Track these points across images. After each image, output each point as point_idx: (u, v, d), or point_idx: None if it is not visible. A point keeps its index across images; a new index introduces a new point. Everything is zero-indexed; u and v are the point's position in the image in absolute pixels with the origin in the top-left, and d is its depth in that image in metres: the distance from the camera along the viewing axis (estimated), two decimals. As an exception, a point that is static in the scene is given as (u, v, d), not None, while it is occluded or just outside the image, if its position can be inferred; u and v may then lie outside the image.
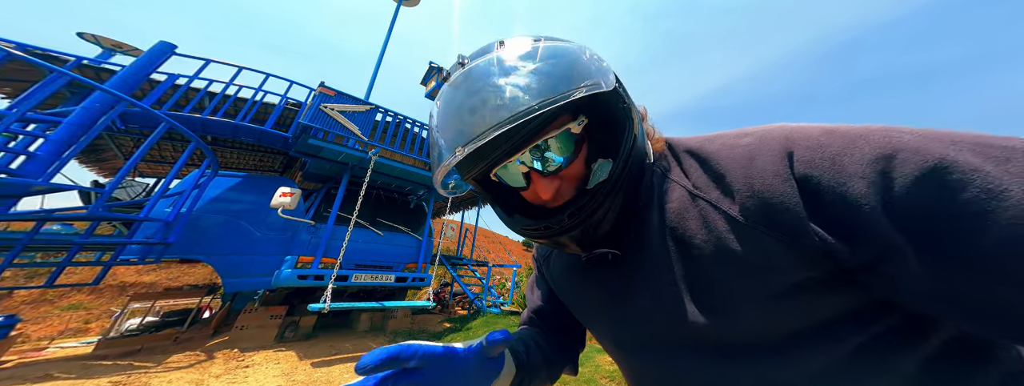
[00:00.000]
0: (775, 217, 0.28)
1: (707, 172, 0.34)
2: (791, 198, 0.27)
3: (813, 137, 0.28)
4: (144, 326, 4.96)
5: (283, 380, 3.08)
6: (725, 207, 0.31)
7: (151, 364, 3.41)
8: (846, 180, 0.24)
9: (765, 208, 0.28)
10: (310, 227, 4.63)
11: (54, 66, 2.48)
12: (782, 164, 0.28)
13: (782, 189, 0.27)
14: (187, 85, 4.20)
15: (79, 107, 2.83)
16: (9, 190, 2.41)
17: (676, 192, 0.36)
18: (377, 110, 5.03)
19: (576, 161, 0.35)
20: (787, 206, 0.27)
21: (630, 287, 0.39)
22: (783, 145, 0.29)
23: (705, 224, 0.32)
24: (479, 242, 10.62)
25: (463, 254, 8.70)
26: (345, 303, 3.80)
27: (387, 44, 7.27)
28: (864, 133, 0.26)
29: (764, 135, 0.32)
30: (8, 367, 3.52)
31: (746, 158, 0.31)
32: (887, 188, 0.23)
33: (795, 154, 0.28)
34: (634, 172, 0.36)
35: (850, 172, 0.24)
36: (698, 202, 0.34)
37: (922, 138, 0.23)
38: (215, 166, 3.84)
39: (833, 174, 0.25)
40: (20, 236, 2.68)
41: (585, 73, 0.32)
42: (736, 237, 0.30)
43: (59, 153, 2.61)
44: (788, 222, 0.27)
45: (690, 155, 0.37)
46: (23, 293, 8.87)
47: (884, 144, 0.24)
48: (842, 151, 0.26)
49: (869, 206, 0.23)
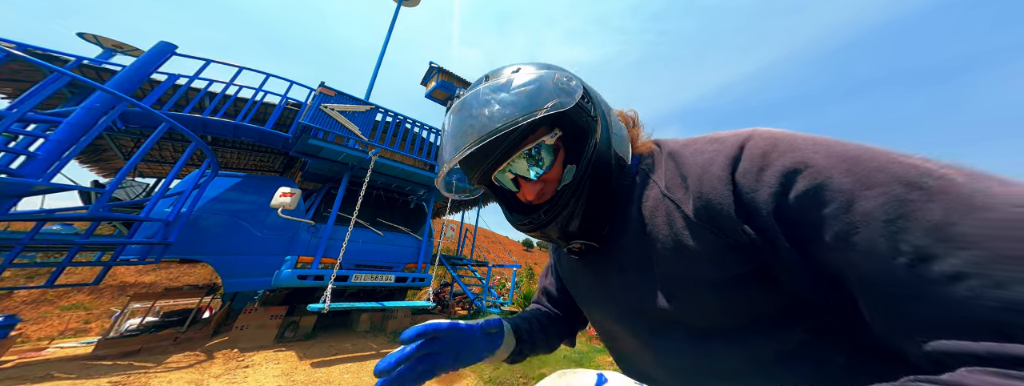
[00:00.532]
0: (716, 217, 0.33)
1: (678, 174, 0.39)
2: (727, 200, 0.32)
3: (758, 148, 0.32)
4: (144, 326, 4.96)
5: (283, 380, 3.08)
6: (684, 207, 0.36)
7: (151, 364, 3.41)
8: (759, 188, 0.30)
9: (709, 209, 0.33)
10: (310, 227, 4.63)
11: (54, 66, 2.47)
12: (726, 171, 0.33)
13: (722, 192, 0.32)
14: (187, 85, 4.20)
15: (80, 107, 2.83)
16: (9, 190, 2.41)
17: (653, 191, 0.41)
18: (377, 110, 5.04)
19: (554, 166, 0.42)
20: (724, 207, 0.32)
21: (609, 274, 0.45)
22: (733, 154, 0.34)
23: (669, 221, 0.37)
24: (479, 242, 10.62)
25: (463, 254, 8.69)
26: (345, 303, 3.80)
27: (387, 44, 7.27)
28: (790, 149, 0.30)
29: (726, 144, 0.36)
30: (8, 367, 3.51)
31: (706, 163, 0.36)
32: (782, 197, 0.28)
33: (740, 163, 0.32)
34: (601, 174, 0.41)
35: (765, 182, 0.30)
36: (666, 201, 0.38)
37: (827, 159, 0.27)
38: (215, 166, 3.84)
39: (755, 182, 0.30)
40: (20, 236, 2.68)
41: (549, 97, 0.38)
42: (690, 234, 0.35)
43: (59, 153, 2.61)
44: (725, 221, 0.32)
45: (670, 157, 0.42)
46: (23, 293, 8.87)
47: (796, 162, 0.29)
48: (769, 163, 0.30)
49: (766, 211, 0.29)
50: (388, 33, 7.33)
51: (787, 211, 0.28)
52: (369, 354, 4.02)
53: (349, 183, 5.01)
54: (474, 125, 0.39)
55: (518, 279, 7.92)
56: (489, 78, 0.43)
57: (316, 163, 4.94)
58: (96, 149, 5.20)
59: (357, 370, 3.46)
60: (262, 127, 4.43)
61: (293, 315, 4.75)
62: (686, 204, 0.36)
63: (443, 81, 7.42)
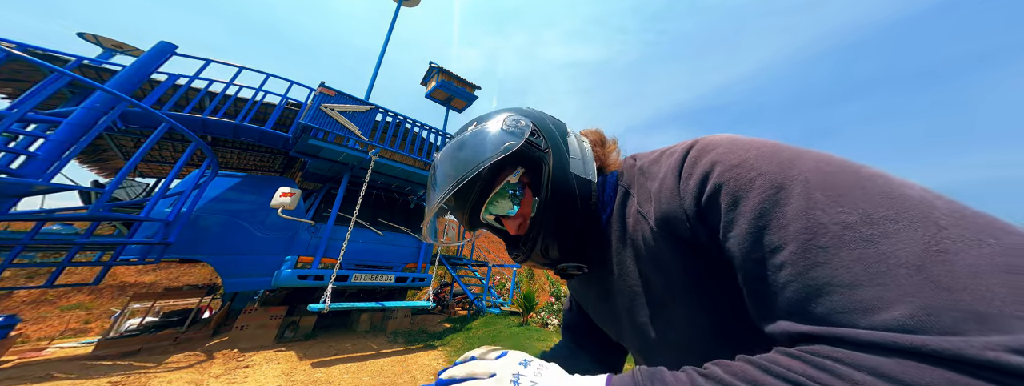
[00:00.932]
0: (673, 224, 0.35)
1: (645, 188, 0.41)
2: (677, 207, 0.34)
3: (693, 155, 0.35)
4: (144, 326, 4.96)
5: (283, 380, 3.08)
6: (649, 218, 0.38)
7: (151, 364, 3.41)
8: (689, 193, 0.33)
9: (667, 218, 0.35)
10: (310, 227, 4.63)
11: (55, 66, 2.47)
12: (674, 179, 0.35)
13: (672, 200, 0.34)
14: (187, 85, 4.20)
15: (80, 107, 2.83)
16: (9, 190, 2.41)
17: (632, 207, 0.42)
18: (377, 110, 5.04)
19: (525, 200, 0.45)
20: (677, 214, 0.34)
21: (609, 291, 0.48)
22: (679, 163, 0.36)
23: (643, 233, 0.39)
24: (479, 242, 10.61)
25: (463, 254, 8.70)
26: (345, 303, 3.80)
27: (387, 44, 7.27)
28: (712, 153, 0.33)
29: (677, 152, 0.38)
30: (8, 367, 3.51)
31: (663, 175, 0.38)
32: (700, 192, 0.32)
33: (682, 170, 0.35)
34: (563, 199, 0.43)
35: (691, 186, 0.33)
36: (640, 217, 0.40)
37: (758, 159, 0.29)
38: (215, 166, 3.84)
39: (687, 187, 0.33)
40: (20, 236, 2.68)
41: (500, 141, 0.41)
42: (655, 242, 0.37)
43: (59, 153, 2.61)
44: (681, 228, 0.34)
45: (640, 172, 0.44)
46: (23, 293, 8.87)
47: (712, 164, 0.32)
48: (694, 169, 0.33)
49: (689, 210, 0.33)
50: (388, 33, 7.33)
51: (703, 212, 0.32)
52: (369, 354, 4.02)
53: (349, 183, 5.01)
54: (445, 180, 0.43)
55: (518, 279, 7.91)
56: (455, 135, 0.48)
57: (316, 163, 4.94)
58: (96, 149, 5.20)
59: (357, 370, 3.46)
60: (262, 127, 4.42)
61: (293, 315, 4.75)
62: (651, 216, 0.38)
63: (443, 81, 7.42)
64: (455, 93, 7.53)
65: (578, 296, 0.62)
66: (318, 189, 5.82)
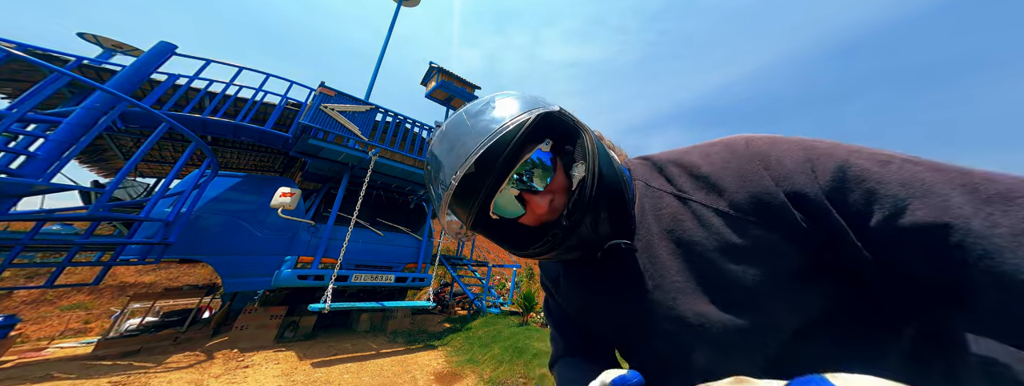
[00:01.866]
0: (764, 207, 0.33)
1: (692, 178, 0.39)
2: (771, 189, 0.32)
3: (765, 145, 0.36)
4: (144, 326, 4.97)
5: (283, 380, 3.08)
6: (716, 204, 0.36)
7: (151, 364, 3.41)
8: (791, 174, 0.32)
9: (752, 200, 0.33)
10: (310, 227, 4.63)
11: (55, 66, 2.47)
12: (755, 164, 0.34)
13: (761, 184, 0.33)
14: (187, 85, 4.20)
15: (80, 107, 2.83)
16: (9, 190, 2.41)
17: (665, 199, 0.40)
18: (377, 110, 5.04)
19: (557, 174, 0.41)
20: (770, 195, 0.32)
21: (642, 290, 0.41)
22: (749, 151, 0.36)
23: (701, 223, 0.36)
24: (479, 242, 10.62)
25: (463, 254, 8.70)
26: (345, 303, 3.80)
27: (387, 44, 7.28)
28: (792, 142, 0.34)
29: (730, 145, 0.38)
30: (8, 367, 3.52)
31: (724, 162, 0.37)
32: (819, 181, 0.30)
33: (765, 158, 0.34)
34: (610, 169, 0.41)
35: (793, 168, 0.32)
36: (689, 204, 0.38)
37: (832, 147, 0.32)
38: (215, 166, 3.84)
39: (785, 170, 0.32)
40: (20, 236, 2.68)
41: (531, 107, 0.40)
42: (732, 229, 0.34)
43: (59, 153, 2.61)
44: (777, 210, 0.32)
45: (672, 165, 0.42)
46: (23, 293, 8.87)
47: (809, 150, 0.32)
48: (783, 155, 0.33)
49: (812, 192, 0.30)
50: (388, 33, 7.33)
51: (827, 191, 0.30)
52: (369, 354, 4.03)
53: (349, 183, 5.01)
54: (467, 143, 0.37)
55: (518, 279, 7.92)
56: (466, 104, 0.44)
57: (316, 163, 4.94)
58: (96, 149, 5.20)
59: (357, 370, 3.46)
60: (262, 127, 4.43)
61: (293, 315, 4.75)
62: (718, 202, 0.36)
63: (443, 81, 7.42)
64: (455, 93, 7.53)
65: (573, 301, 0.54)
66: (318, 189, 5.82)
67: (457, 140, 0.39)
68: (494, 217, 0.44)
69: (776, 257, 0.32)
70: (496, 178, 0.38)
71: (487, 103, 0.41)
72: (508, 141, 0.37)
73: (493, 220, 0.45)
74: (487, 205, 0.41)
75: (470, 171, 0.37)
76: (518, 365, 3.35)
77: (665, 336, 0.39)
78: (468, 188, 0.38)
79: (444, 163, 0.40)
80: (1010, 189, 0.23)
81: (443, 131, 0.42)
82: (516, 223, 0.45)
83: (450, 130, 0.41)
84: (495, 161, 0.37)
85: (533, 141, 0.40)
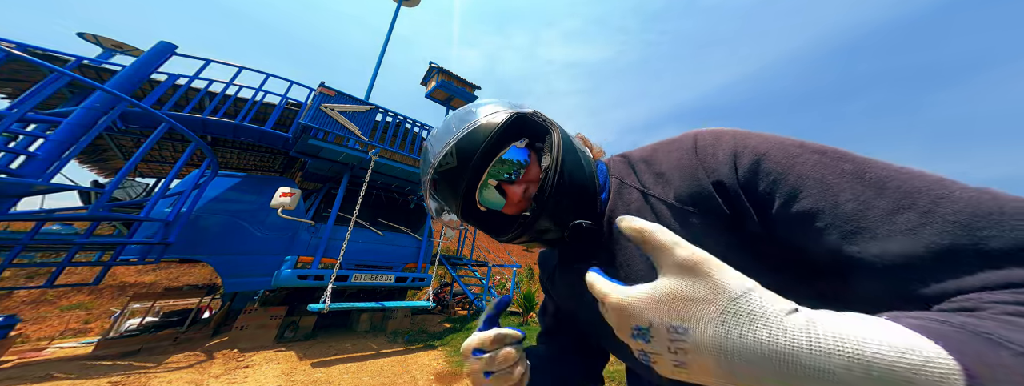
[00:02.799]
0: (696, 197, 0.37)
1: (653, 173, 0.44)
2: (701, 181, 0.37)
3: (706, 140, 0.39)
4: (144, 326, 4.96)
5: (283, 380, 3.08)
6: (665, 197, 0.40)
7: (151, 364, 3.41)
8: (718, 167, 0.36)
9: (691, 193, 0.37)
10: (310, 227, 4.63)
11: (55, 66, 2.47)
12: (694, 158, 0.39)
13: (695, 176, 0.37)
14: (187, 85, 4.20)
15: (80, 107, 2.83)
16: (9, 190, 2.41)
17: (633, 194, 0.45)
18: (377, 110, 5.04)
19: (531, 166, 0.46)
20: (701, 187, 0.37)
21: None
22: (694, 145, 0.40)
23: (657, 215, 0.41)
24: (479, 242, 10.62)
25: (463, 254, 8.69)
26: (345, 303, 3.80)
27: (387, 44, 7.27)
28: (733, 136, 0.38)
29: (682, 141, 0.43)
30: (8, 367, 3.52)
31: (675, 158, 0.41)
32: (739, 171, 0.34)
33: (698, 152, 0.39)
34: (573, 158, 0.45)
35: (721, 161, 0.36)
36: (649, 199, 0.42)
37: (760, 141, 0.35)
38: (215, 166, 3.84)
39: (715, 163, 0.36)
40: (20, 236, 2.68)
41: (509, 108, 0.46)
42: (676, 219, 0.38)
43: (59, 153, 2.61)
44: (703, 199, 0.36)
45: (641, 162, 0.47)
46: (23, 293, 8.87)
47: (735, 144, 0.36)
48: (718, 149, 0.37)
49: (730, 182, 0.34)
50: (388, 33, 7.33)
51: (742, 181, 0.34)
52: (369, 354, 4.02)
53: (349, 183, 5.01)
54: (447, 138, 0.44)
55: (518, 279, 7.92)
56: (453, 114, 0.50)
57: (316, 163, 4.94)
58: (96, 149, 5.20)
59: (357, 370, 3.46)
60: (262, 127, 4.43)
61: (293, 315, 4.75)
62: (668, 194, 0.40)
63: (443, 81, 7.42)
64: (455, 93, 7.53)
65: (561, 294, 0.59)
66: (318, 189, 5.82)
67: (442, 136, 0.45)
68: (482, 208, 0.49)
69: (710, 243, 0.34)
70: (474, 169, 0.43)
71: (470, 107, 0.48)
72: (485, 135, 0.43)
73: (481, 212, 0.51)
74: (471, 194, 0.47)
75: (451, 164, 0.43)
76: (518, 365, 3.35)
77: None
78: (452, 178, 0.45)
79: (429, 153, 0.47)
80: (885, 177, 0.26)
81: (433, 133, 0.49)
82: (502, 214, 0.51)
83: (438, 130, 0.48)
84: (474, 151, 0.43)
85: (510, 138, 0.46)
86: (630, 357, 0.46)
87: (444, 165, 0.44)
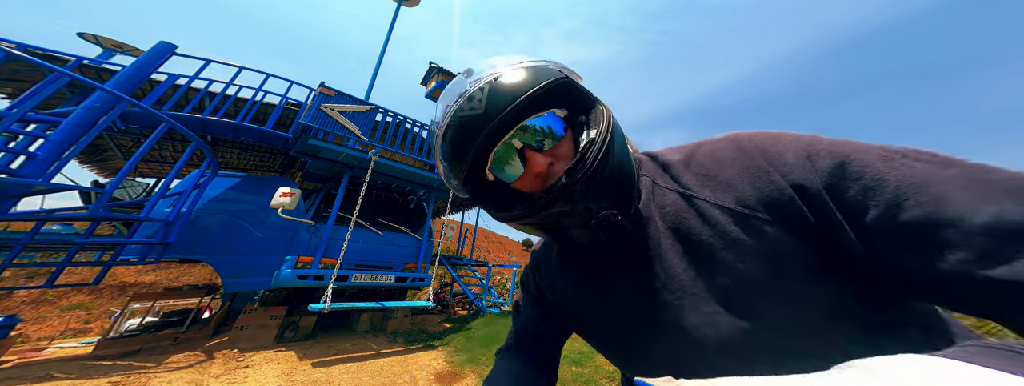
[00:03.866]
0: (769, 202, 0.32)
1: (697, 175, 0.39)
2: (779, 184, 0.32)
3: (764, 141, 0.36)
4: (144, 326, 4.97)
5: (283, 380, 3.08)
6: (723, 202, 0.35)
7: (151, 364, 3.41)
8: (794, 169, 0.32)
9: (760, 196, 0.33)
10: (310, 227, 4.63)
11: (55, 66, 2.47)
12: (760, 160, 0.34)
13: (768, 179, 0.33)
14: (187, 85, 4.20)
15: (80, 107, 2.83)
16: (9, 190, 2.41)
17: (669, 196, 0.40)
18: (377, 110, 5.04)
19: (565, 142, 0.40)
20: (778, 191, 0.32)
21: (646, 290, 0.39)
22: (753, 146, 0.36)
23: (706, 221, 0.35)
24: (479, 242, 10.62)
25: (463, 254, 8.70)
26: (345, 303, 3.80)
27: (387, 44, 7.28)
28: (795, 137, 0.34)
29: (735, 141, 0.38)
30: (8, 367, 3.52)
31: (730, 159, 0.36)
32: (819, 175, 0.30)
33: (766, 153, 0.34)
34: (622, 145, 0.39)
35: (794, 163, 0.32)
36: (694, 202, 0.37)
37: (833, 143, 0.32)
38: (215, 166, 3.84)
39: (788, 166, 0.32)
40: (20, 236, 2.68)
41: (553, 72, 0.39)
42: (741, 227, 0.33)
43: (59, 153, 2.61)
44: (781, 204, 0.32)
45: (678, 162, 0.41)
46: (23, 293, 8.87)
47: (808, 145, 0.32)
48: (784, 150, 0.33)
49: (814, 190, 0.30)
50: (388, 33, 7.33)
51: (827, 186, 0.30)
52: (369, 354, 4.03)
53: (349, 183, 5.01)
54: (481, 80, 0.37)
55: (518, 279, 7.90)
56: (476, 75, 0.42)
57: (316, 163, 4.95)
58: (96, 149, 5.20)
59: (357, 370, 3.46)
60: (262, 127, 4.43)
61: (293, 315, 4.76)
62: (725, 199, 0.35)
63: (443, 81, 7.43)
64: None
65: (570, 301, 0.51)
66: (318, 189, 5.82)
67: (474, 80, 0.38)
68: (489, 177, 0.42)
69: (787, 254, 0.31)
70: (504, 120, 0.36)
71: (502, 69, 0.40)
72: (526, 88, 0.36)
73: (486, 181, 0.44)
74: (487, 153, 0.39)
75: (477, 111, 0.36)
76: (518, 365, 3.34)
77: (670, 339, 0.37)
78: (471, 127, 0.36)
79: (451, 94, 0.39)
80: (1011, 184, 0.23)
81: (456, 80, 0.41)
82: (508, 189, 0.44)
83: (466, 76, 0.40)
84: (510, 99, 0.35)
85: (550, 100, 0.39)
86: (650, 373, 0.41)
87: (467, 110, 0.36)
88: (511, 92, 0.36)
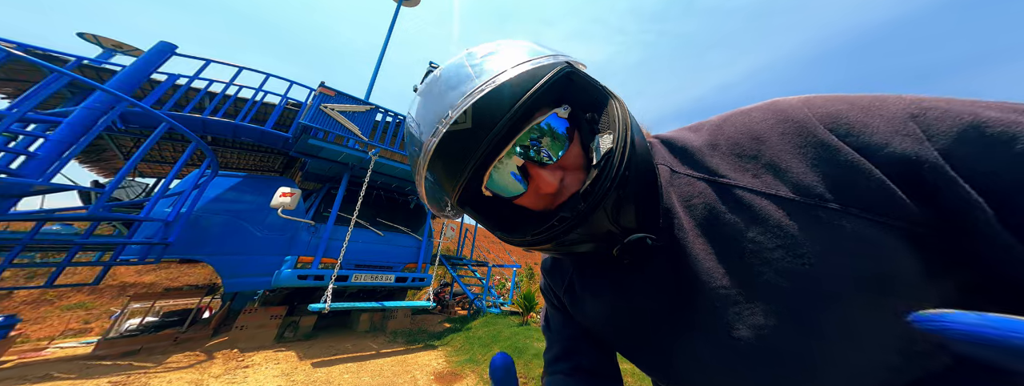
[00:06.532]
0: (843, 186, 0.24)
1: (731, 156, 0.31)
2: (857, 162, 0.24)
3: (837, 105, 0.26)
4: (144, 326, 4.96)
5: (283, 380, 3.08)
6: (772, 189, 0.27)
7: (151, 364, 3.41)
8: (885, 141, 0.23)
9: (827, 179, 0.25)
10: (310, 227, 4.63)
11: (55, 66, 2.47)
12: (824, 132, 0.26)
13: (840, 157, 0.24)
14: (187, 85, 4.20)
15: (80, 107, 2.84)
16: (9, 190, 2.41)
17: (696, 186, 0.32)
18: (377, 110, 5.04)
19: (573, 148, 0.33)
20: (855, 170, 0.24)
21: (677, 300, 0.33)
22: (811, 114, 0.27)
23: (751, 215, 0.28)
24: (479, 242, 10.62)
25: (463, 254, 8.69)
26: (345, 303, 3.81)
27: (387, 44, 7.28)
28: (879, 98, 0.26)
29: (781, 110, 0.29)
30: (8, 367, 3.51)
31: (777, 133, 0.28)
32: (935, 144, 0.22)
33: (832, 121, 0.26)
34: (643, 145, 0.33)
35: (888, 131, 0.24)
36: (732, 191, 0.29)
37: (937, 101, 0.23)
38: (215, 166, 3.84)
39: (874, 136, 0.24)
40: (20, 236, 2.68)
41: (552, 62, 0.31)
42: (799, 221, 0.25)
43: (59, 153, 2.61)
44: (862, 188, 0.23)
45: (701, 145, 0.34)
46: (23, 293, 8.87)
47: (910, 105, 0.24)
48: (869, 116, 0.25)
49: (929, 164, 0.22)
50: (388, 33, 7.33)
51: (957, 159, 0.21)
52: (369, 354, 4.02)
53: (349, 183, 5.01)
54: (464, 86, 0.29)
55: (518, 279, 7.91)
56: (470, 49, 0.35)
57: (316, 163, 4.95)
58: (96, 149, 5.20)
59: (357, 370, 3.46)
60: (262, 127, 4.43)
61: (293, 315, 4.75)
62: (776, 186, 0.27)
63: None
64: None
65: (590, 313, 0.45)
66: (318, 189, 5.82)
67: (452, 82, 0.30)
68: (486, 193, 0.35)
69: (869, 254, 0.23)
70: (498, 137, 0.29)
71: (496, 45, 0.32)
72: (523, 89, 0.28)
73: (484, 197, 0.37)
74: (481, 172, 0.32)
75: (464, 125, 0.28)
76: (518, 365, 3.35)
77: (708, 356, 0.31)
78: (461, 145, 0.29)
79: (432, 109, 0.30)
80: None
81: (435, 76, 0.33)
82: (510, 204, 0.37)
83: (446, 73, 0.32)
84: (504, 109, 0.28)
85: (550, 100, 0.32)
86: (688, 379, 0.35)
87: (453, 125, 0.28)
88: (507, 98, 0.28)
